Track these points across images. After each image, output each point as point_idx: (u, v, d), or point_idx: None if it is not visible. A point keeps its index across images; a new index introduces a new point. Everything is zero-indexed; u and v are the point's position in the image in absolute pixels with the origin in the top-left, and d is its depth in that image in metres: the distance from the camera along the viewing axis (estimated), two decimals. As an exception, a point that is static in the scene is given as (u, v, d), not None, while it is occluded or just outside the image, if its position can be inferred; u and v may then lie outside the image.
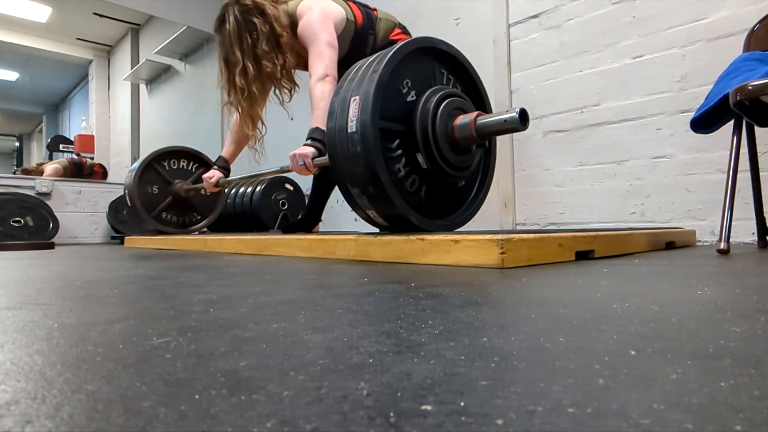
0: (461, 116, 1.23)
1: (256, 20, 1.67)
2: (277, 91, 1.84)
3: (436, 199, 1.32)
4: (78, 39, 6.21)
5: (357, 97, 1.15)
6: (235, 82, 1.73)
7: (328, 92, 1.57)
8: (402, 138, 1.22)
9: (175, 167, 2.65)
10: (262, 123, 1.93)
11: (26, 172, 4.46)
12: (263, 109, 1.95)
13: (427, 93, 1.24)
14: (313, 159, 1.51)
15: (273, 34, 1.68)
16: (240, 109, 1.81)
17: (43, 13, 5.43)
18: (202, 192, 2.62)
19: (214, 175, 2.08)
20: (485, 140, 1.26)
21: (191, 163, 2.69)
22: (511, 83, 2.38)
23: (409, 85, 1.25)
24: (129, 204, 2.49)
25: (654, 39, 1.93)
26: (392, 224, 1.23)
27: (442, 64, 1.37)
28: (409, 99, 1.24)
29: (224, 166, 2.10)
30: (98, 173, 4.81)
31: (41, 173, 4.33)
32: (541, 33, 2.28)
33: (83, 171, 4.65)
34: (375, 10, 1.85)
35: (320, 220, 2.12)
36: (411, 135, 1.21)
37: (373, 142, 1.10)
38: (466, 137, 1.21)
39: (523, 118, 1.12)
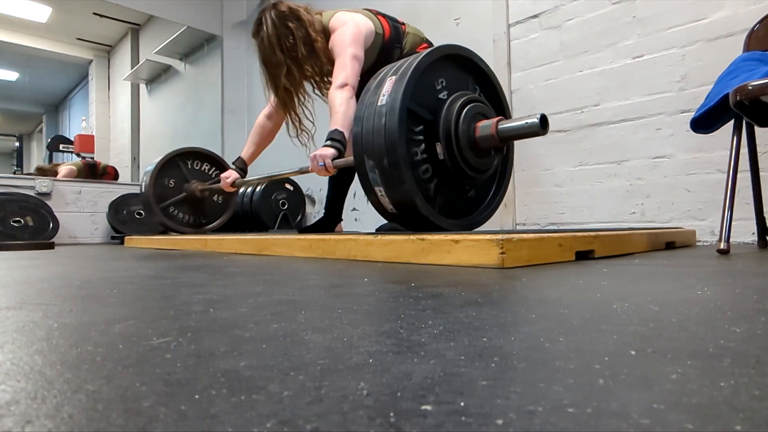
0: (484, 120, 1.30)
1: (291, 25, 1.73)
2: (317, 92, 1.91)
3: (445, 196, 1.32)
4: (78, 39, 6.21)
5: (394, 77, 1.22)
6: (280, 84, 1.79)
7: (347, 99, 1.63)
8: (426, 126, 1.27)
9: (197, 168, 2.68)
10: (312, 118, 1.98)
11: (41, 170, 4.47)
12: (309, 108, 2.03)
13: (457, 94, 1.32)
14: (333, 160, 1.56)
15: (308, 38, 1.74)
16: (285, 109, 1.88)
17: (43, 13, 5.43)
18: (215, 198, 2.66)
19: (231, 175, 2.10)
20: (505, 144, 1.30)
21: (212, 168, 2.71)
22: (511, 83, 2.38)
23: (444, 84, 1.32)
24: (142, 190, 2.50)
25: (654, 39, 1.93)
26: (398, 208, 1.24)
27: (473, 75, 1.45)
28: (440, 96, 1.31)
29: (242, 167, 2.12)
30: (110, 174, 4.85)
31: (56, 174, 4.36)
32: (541, 33, 2.28)
33: (96, 172, 4.71)
34: (403, 24, 1.90)
35: (341, 219, 2.12)
36: (435, 126, 1.27)
37: (398, 117, 1.14)
38: (487, 137, 1.25)
39: (543, 124, 1.18)
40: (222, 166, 2.72)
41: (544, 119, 1.18)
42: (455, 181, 1.32)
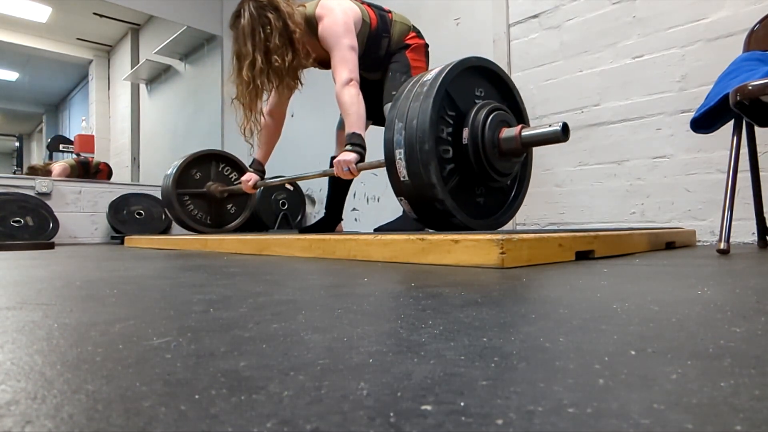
0: (507, 128, 1.36)
1: (270, 15, 1.70)
2: (279, 88, 1.85)
3: (456, 183, 1.32)
4: (78, 39, 6.21)
5: (443, 66, 1.30)
6: (242, 75, 1.75)
7: (356, 96, 1.63)
8: (458, 116, 1.32)
9: (225, 173, 2.70)
10: (262, 115, 1.94)
11: (33, 170, 4.47)
12: (286, 104, 2.01)
13: (489, 100, 1.40)
14: (356, 164, 1.58)
15: (286, 30, 1.71)
16: (243, 102, 1.82)
17: (43, 13, 5.43)
18: (228, 206, 2.68)
19: (251, 178, 2.10)
20: (526, 149, 1.34)
21: (237, 176, 2.71)
22: (511, 83, 2.38)
23: (482, 93, 1.40)
24: (170, 172, 2.51)
25: (654, 39, 1.93)
26: (410, 174, 1.25)
27: (507, 98, 1.51)
28: (476, 100, 1.38)
29: (259, 169, 2.13)
30: (103, 171, 4.85)
31: (48, 172, 4.35)
32: (541, 33, 2.28)
33: (89, 170, 4.71)
34: (389, 12, 1.87)
35: (341, 219, 2.12)
36: (465, 118, 1.33)
37: (437, 91, 1.22)
38: (510, 138, 1.31)
39: (564, 131, 1.22)
40: (243, 172, 2.74)
41: (565, 127, 1.22)
42: (471, 174, 1.33)
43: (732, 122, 1.33)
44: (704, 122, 1.36)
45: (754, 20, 1.57)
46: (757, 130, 1.42)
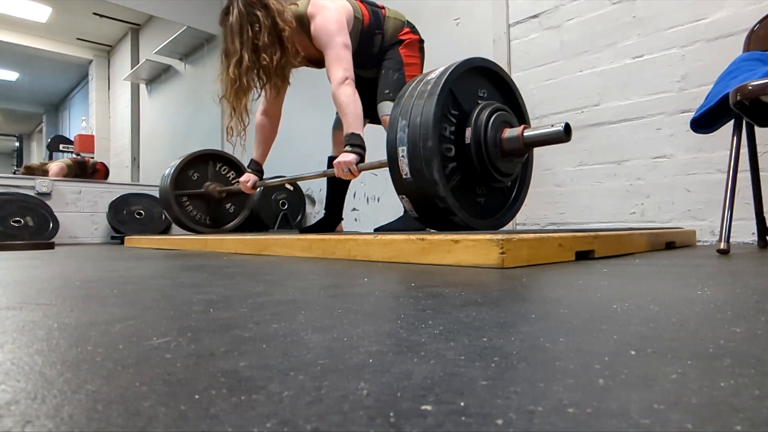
0: (510, 128, 1.37)
1: (258, 13, 1.69)
2: (267, 86, 1.82)
3: (459, 182, 1.32)
4: (78, 39, 6.22)
5: (447, 65, 1.30)
6: (228, 73, 1.74)
7: (352, 95, 1.63)
8: (461, 115, 1.33)
9: (222, 172, 2.71)
10: (246, 115, 1.91)
11: (29, 169, 4.47)
12: (281, 104, 2.00)
13: (489, 101, 1.40)
14: (357, 165, 1.59)
15: (275, 28, 1.70)
16: (228, 101, 1.80)
17: (43, 13, 5.44)
18: (227, 206, 2.68)
19: (249, 178, 2.10)
20: (528, 149, 1.35)
21: (236, 176, 2.71)
22: (511, 83, 2.38)
23: (485, 95, 1.41)
24: (166, 173, 2.51)
25: (654, 39, 1.93)
26: (413, 172, 1.25)
27: (509, 101, 1.51)
28: (479, 101, 1.39)
29: (257, 169, 2.12)
30: (100, 171, 4.86)
31: (45, 172, 4.35)
32: (541, 33, 2.28)
33: (86, 169, 4.72)
34: (383, 8, 1.87)
35: (341, 219, 2.12)
36: (469, 117, 1.33)
37: (441, 89, 1.22)
38: (513, 139, 1.31)
39: (567, 131, 1.22)
40: (241, 172, 2.73)
41: (567, 127, 1.22)
42: (473, 173, 1.33)
43: (732, 122, 1.33)
44: (704, 122, 1.36)
45: (754, 20, 1.57)
46: (757, 130, 1.42)
